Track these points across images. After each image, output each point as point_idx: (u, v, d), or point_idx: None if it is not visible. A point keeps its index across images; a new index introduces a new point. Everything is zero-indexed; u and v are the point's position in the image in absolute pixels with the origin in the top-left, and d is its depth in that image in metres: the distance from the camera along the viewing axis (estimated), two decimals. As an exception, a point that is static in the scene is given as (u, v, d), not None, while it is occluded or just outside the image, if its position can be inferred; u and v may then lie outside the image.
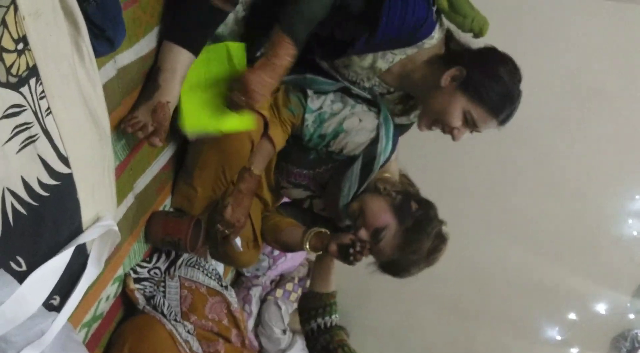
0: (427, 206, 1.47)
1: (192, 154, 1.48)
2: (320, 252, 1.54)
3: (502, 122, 1.42)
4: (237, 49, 1.34)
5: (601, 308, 2.55)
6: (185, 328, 1.40)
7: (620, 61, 2.14)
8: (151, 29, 1.22)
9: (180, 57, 1.20)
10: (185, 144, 1.51)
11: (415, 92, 1.52)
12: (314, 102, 1.46)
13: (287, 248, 1.69)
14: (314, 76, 1.49)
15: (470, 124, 1.40)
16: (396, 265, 1.45)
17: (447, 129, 1.43)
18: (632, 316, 2.54)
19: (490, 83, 1.36)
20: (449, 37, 1.46)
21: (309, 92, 1.46)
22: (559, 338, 2.66)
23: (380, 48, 1.41)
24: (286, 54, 1.24)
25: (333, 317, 1.51)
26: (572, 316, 2.61)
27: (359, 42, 1.37)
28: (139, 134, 1.15)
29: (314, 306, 1.52)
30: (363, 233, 1.45)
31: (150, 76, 1.24)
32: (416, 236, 1.41)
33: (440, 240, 1.44)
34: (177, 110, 1.26)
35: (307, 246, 1.55)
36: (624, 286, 2.51)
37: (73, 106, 0.78)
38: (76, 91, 0.79)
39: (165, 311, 1.39)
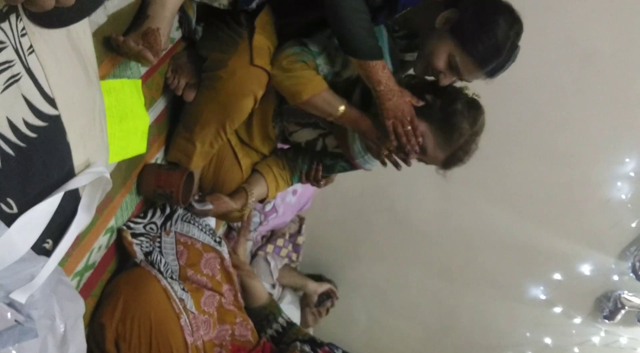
0: (438, 88, 1.41)
1: (194, 109, 1.46)
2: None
3: (490, 74, 1.37)
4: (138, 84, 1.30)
5: (586, 269, 2.58)
6: (181, 286, 1.41)
7: (614, 24, 2.10)
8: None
9: None
10: (178, 98, 1.49)
11: (418, 33, 1.49)
12: (315, 46, 1.42)
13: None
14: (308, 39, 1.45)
15: (455, 70, 1.36)
16: (455, 157, 1.44)
17: (434, 72, 1.39)
18: (616, 277, 2.57)
19: (479, 32, 1.30)
20: None
21: (305, 40, 1.43)
22: (543, 297, 2.71)
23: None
24: (380, 71, 1.30)
25: (280, 320, 1.66)
26: (557, 276, 2.64)
27: (380, 18, 1.36)
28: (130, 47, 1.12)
29: (259, 320, 1.66)
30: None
31: (140, 10, 1.22)
32: (451, 123, 1.39)
33: (473, 107, 1.42)
34: None
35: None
36: (610, 248, 2.54)
37: (58, 46, 0.75)
38: (63, 31, 0.76)
39: (162, 268, 1.40)
